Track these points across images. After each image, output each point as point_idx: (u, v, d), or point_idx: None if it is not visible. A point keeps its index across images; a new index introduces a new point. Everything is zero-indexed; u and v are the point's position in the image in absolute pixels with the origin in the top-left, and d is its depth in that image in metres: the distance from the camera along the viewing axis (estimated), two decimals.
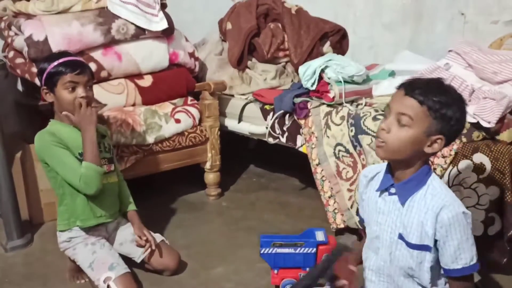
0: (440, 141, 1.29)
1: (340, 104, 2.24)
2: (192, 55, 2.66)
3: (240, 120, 2.69)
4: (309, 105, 2.32)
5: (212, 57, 2.93)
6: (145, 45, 2.45)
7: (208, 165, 2.68)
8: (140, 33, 2.40)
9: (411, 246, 1.35)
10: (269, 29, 2.86)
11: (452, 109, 1.26)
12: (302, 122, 2.35)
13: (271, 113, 2.49)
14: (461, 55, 2.07)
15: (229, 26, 2.96)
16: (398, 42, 3.44)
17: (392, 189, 1.39)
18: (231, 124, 2.75)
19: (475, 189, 1.80)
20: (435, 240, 1.32)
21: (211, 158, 2.67)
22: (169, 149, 2.50)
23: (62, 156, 1.80)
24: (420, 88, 1.27)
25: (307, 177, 2.57)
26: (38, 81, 2.13)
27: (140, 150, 2.38)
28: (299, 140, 2.39)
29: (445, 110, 1.25)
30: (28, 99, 2.52)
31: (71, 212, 1.88)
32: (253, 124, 2.63)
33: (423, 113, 1.26)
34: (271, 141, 2.52)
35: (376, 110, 2.08)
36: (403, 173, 1.36)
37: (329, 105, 2.26)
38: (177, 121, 2.49)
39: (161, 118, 2.43)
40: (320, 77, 2.30)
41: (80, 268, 1.91)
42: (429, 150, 1.30)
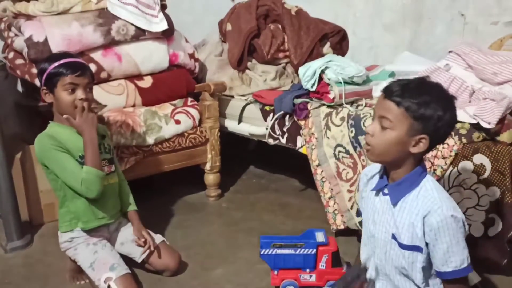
0: (425, 140, 1.29)
1: (340, 105, 2.24)
2: (192, 56, 2.66)
3: (240, 121, 2.69)
4: (309, 106, 2.32)
5: (212, 58, 2.93)
6: (145, 46, 2.45)
7: (208, 166, 2.68)
8: (140, 34, 2.40)
9: (402, 247, 1.36)
10: (269, 30, 2.86)
11: (431, 108, 1.25)
12: (302, 123, 2.34)
13: (271, 114, 2.49)
14: (461, 56, 2.07)
15: (229, 27, 2.96)
16: (398, 43, 3.44)
17: (386, 189, 1.40)
18: (231, 125, 2.75)
19: (475, 190, 1.80)
20: (426, 243, 1.33)
21: (211, 159, 2.67)
22: (169, 150, 2.49)
23: (63, 160, 1.80)
24: (397, 90, 1.28)
25: (307, 178, 2.57)
26: (38, 81, 2.13)
27: (140, 151, 2.38)
28: (299, 141, 2.39)
29: (424, 109, 1.25)
30: (28, 100, 2.52)
31: (72, 214, 1.88)
32: (253, 125, 2.63)
33: (402, 115, 1.27)
34: (271, 142, 2.52)
35: None
36: (396, 174, 1.37)
37: (329, 106, 2.26)
38: (177, 122, 2.49)
39: (161, 119, 2.43)
40: (320, 78, 2.30)
41: (80, 269, 1.91)
42: (414, 150, 1.30)
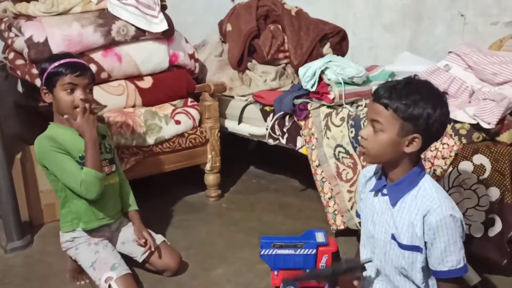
0: (418, 140, 1.30)
1: (340, 105, 2.24)
2: (192, 56, 2.66)
3: (240, 122, 2.69)
4: (309, 107, 2.32)
5: (212, 58, 2.93)
6: (145, 46, 2.45)
7: (208, 167, 2.68)
8: (140, 34, 2.41)
9: (402, 247, 1.36)
10: (269, 30, 2.86)
11: (419, 107, 1.26)
12: (302, 123, 2.35)
13: (271, 115, 2.49)
14: (461, 56, 2.07)
15: (229, 27, 2.96)
16: (398, 43, 3.44)
17: (385, 190, 1.41)
18: (231, 125, 2.75)
19: (475, 190, 1.80)
20: (425, 242, 1.33)
21: (211, 159, 2.67)
22: (169, 151, 2.50)
23: (62, 162, 1.80)
24: (385, 92, 1.29)
25: (307, 179, 2.57)
26: (38, 82, 2.13)
27: (140, 151, 2.38)
28: (299, 141, 2.39)
29: (412, 109, 1.26)
30: (28, 100, 2.52)
31: (74, 214, 1.89)
32: (253, 126, 2.63)
33: (391, 117, 1.28)
34: (271, 142, 2.52)
35: None
36: (394, 174, 1.38)
37: (329, 107, 2.26)
38: (177, 122, 2.49)
39: (161, 119, 2.43)
40: (320, 79, 2.31)
41: (80, 269, 1.92)
42: (408, 150, 1.31)
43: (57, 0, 2.25)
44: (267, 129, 2.50)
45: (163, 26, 2.43)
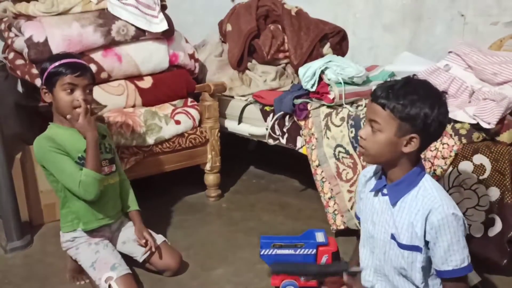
0: (416, 139, 1.30)
1: (340, 105, 2.24)
2: (192, 56, 2.66)
3: (240, 122, 2.69)
4: (309, 107, 2.32)
5: (212, 58, 2.93)
6: (145, 46, 2.45)
7: (208, 167, 2.68)
8: (140, 34, 2.41)
9: (402, 247, 1.36)
10: (269, 30, 2.86)
11: (416, 107, 1.27)
12: (302, 123, 2.35)
13: (271, 115, 2.49)
14: (461, 56, 2.07)
15: (229, 27, 2.96)
16: (398, 43, 3.44)
17: (385, 190, 1.41)
18: (231, 125, 2.75)
19: (475, 190, 1.80)
20: (427, 242, 1.33)
21: (211, 159, 2.67)
22: (169, 151, 2.49)
23: (61, 162, 1.80)
24: (382, 92, 1.30)
25: (307, 179, 2.57)
26: (38, 82, 2.13)
27: (140, 151, 2.38)
28: (299, 141, 2.39)
29: (409, 109, 1.27)
30: (28, 100, 2.52)
31: (74, 215, 1.89)
32: (253, 126, 2.63)
33: (388, 117, 1.29)
34: (271, 142, 2.52)
35: None
36: (393, 174, 1.38)
37: (329, 106, 2.26)
38: (177, 122, 2.49)
39: (161, 119, 2.43)
40: (320, 79, 2.30)
41: (81, 269, 1.91)
42: (407, 149, 1.32)
43: (57, 0, 2.25)
44: (267, 129, 2.50)
45: (163, 26, 2.43)
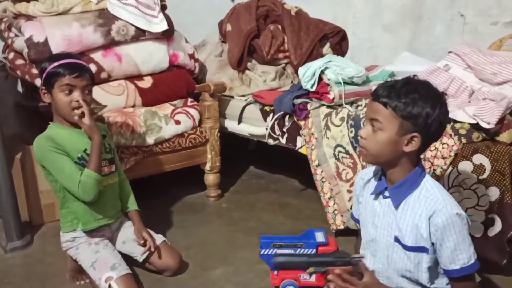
0: (417, 139, 1.30)
1: (340, 105, 2.24)
2: (192, 56, 2.66)
3: (240, 122, 2.69)
4: (308, 106, 2.32)
5: (212, 58, 2.93)
6: (145, 46, 2.45)
7: (208, 167, 2.68)
8: (140, 34, 2.41)
9: (407, 249, 1.36)
10: (269, 30, 2.86)
11: (418, 106, 1.27)
12: (302, 123, 2.35)
13: (271, 115, 2.49)
14: (460, 56, 2.07)
15: (229, 27, 2.96)
16: (398, 43, 3.44)
17: (386, 192, 1.40)
18: (231, 125, 2.75)
19: (475, 190, 1.80)
20: (432, 243, 1.33)
21: (211, 159, 2.67)
22: (169, 150, 2.50)
23: (60, 163, 1.80)
24: (384, 91, 1.30)
25: (307, 179, 2.57)
26: (38, 82, 2.13)
27: (140, 151, 2.38)
28: (299, 141, 2.39)
29: (411, 108, 1.27)
30: (28, 100, 2.52)
31: (73, 215, 1.89)
32: (253, 126, 2.63)
33: (390, 116, 1.29)
34: (271, 142, 2.52)
35: None
36: (394, 175, 1.37)
37: (328, 106, 2.26)
38: (177, 122, 2.49)
39: (161, 119, 2.43)
40: (320, 79, 2.31)
41: (81, 269, 1.91)
42: (407, 149, 1.31)
43: (57, 0, 2.25)
44: (267, 129, 2.50)
45: (163, 26, 2.43)
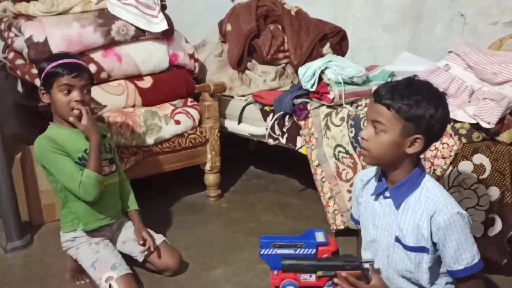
0: (420, 140, 1.29)
1: (340, 105, 2.24)
2: (192, 56, 2.66)
3: (240, 122, 2.69)
4: (308, 106, 2.32)
5: (212, 58, 2.93)
6: (145, 46, 2.45)
7: (208, 167, 2.68)
8: (140, 34, 2.41)
9: (408, 249, 1.35)
10: (269, 30, 2.86)
11: (421, 107, 1.26)
12: (302, 123, 2.35)
13: (271, 115, 2.49)
14: (460, 56, 2.07)
15: (229, 27, 2.96)
16: (398, 43, 3.45)
17: (387, 192, 1.40)
18: (231, 125, 2.75)
19: (475, 190, 1.80)
20: (434, 243, 1.32)
21: (211, 159, 2.67)
22: (169, 150, 2.49)
23: (61, 163, 1.80)
24: (386, 93, 1.28)
25: (307, 178, 2.57)
26: (38, 82, 2.13)
27: (140, 151, 2.38)
28: (299, 141, 2.39)
29: (414, 110, 1.26)
30: (28, 100, 2.52)
31: (74, 215, 1.89)
32: (253, 126, 2.63)
33: (393, 117, 1.28)
34: (271, 142, 2.52)
35: None
36: (395, 176, 1.37)
37: (329, 106, 2.26)
38: (177, 122, 2.49)
39: (161, 119, 2.43)
40: (320, 78, 2.30)
41: (81, 269, 1.91)
42: (410, 150, 1.31)
43: (57, 0, 2.25)
44: (267, 129, 2.50)
45: (163, 26, 2.43)
